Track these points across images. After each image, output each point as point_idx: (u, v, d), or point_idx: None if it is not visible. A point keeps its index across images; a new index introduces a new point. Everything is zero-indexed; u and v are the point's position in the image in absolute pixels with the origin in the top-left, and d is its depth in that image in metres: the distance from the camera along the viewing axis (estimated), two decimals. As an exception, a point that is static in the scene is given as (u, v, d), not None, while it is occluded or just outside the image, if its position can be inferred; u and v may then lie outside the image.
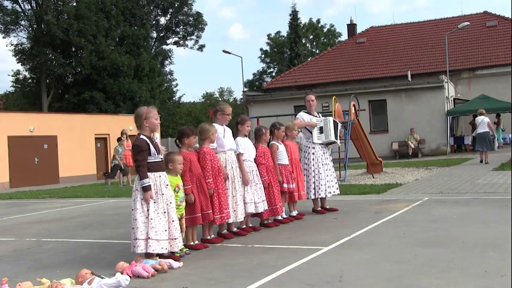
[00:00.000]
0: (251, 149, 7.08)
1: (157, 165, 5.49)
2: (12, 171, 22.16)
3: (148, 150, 5.40)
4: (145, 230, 5.32)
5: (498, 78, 28.61)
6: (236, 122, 7.16)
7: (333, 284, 4.37)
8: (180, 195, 5.77)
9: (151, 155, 5.44)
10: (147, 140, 5.42)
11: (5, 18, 35.56)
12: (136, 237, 5.30)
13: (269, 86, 35.72)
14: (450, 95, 27.23)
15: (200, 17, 47.73)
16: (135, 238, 5.32)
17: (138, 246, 5.30)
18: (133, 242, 5.36)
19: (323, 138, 8.45)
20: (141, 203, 5.36)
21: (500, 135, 25.70)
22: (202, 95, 71.00)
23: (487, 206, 8.23)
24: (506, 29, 31.59)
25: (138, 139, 5.45)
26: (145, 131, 5.50)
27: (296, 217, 7.99)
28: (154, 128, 5.59)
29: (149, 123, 5.49)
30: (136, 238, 5.30)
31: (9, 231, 8.76)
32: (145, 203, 5.36)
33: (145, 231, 5.31)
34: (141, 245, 5.29)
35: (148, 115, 5.49)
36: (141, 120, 5.49)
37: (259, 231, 7.15)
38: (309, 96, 8.64)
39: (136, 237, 5.31)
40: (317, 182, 8.32)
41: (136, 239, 5.30)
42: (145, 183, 5.32)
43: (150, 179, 5.37)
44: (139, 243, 5.29)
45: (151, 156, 5.44)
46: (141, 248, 5.29)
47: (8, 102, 41.24)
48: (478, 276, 4.35)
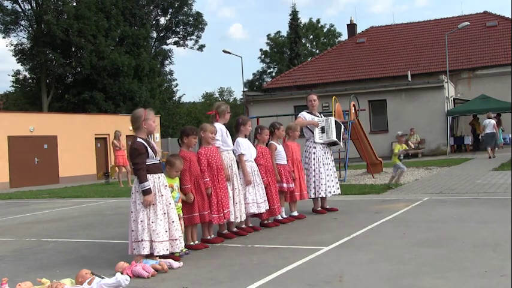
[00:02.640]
0: (252, 149, 7.09)
1: (155, 167, 5.49)
2: (12, 171, 22.15)
3: (146, 153, 5.40)
4: (149, 232, 5.32)
5: (498, 78, 28.59)
6: (238, 123, 7.15)
7: (333, 284, 4.37)
8: (174, 196, 5.77)
9: (149, 158, 5.44)
10: (144, 143, 5.42)
11: (5, 18, 35.56)
12: (142, 238, 5.29)
13: (269, 86, 35.71)
14: (450, 95, 27.23)
15: (200, 17, 47.75)
16: (140, 240, 5.30)
17: (143, 247, 5.28)
18: (134, 244, 5.34)
19: (324, 137, 8.46)
20: (142, 205, 5.37)
21: (500, 136, 25.70)
22: (202, 95, 71.10)
23: (487, 206, 8.23)
24: (506, 29, 31.59)
25: (136, 142, 5.43)
26: (142, 134, 5.50)
27: (296, 217, 7.99)
28: (152, 131, 5.59)
29: (147, 125, 5.49)
30: (143, 240, 5.28)
31: (9, 231, 8.76)
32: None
33: (149, 233, 5.32)
34: (147, 247, 5.29)
35: (147, 117, 5.49)
36: (139, 122, 5.48)
37: (259, 231, 7.15)
38: (311, 96, 8.64)
39: (142, 239, 5.29)
40: (317, 181, 8.32)
41: (143, 240, 5.28)
42: (146, 186, 5.31)
43: (150, 181, 5.38)
44: (145, 244, 5.28)
45: (150, 158, 5.44)
46: (147, 249, 5.29)
47: (8, 102, 41.24)
48: (478, 276, 4.35)
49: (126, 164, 17.97)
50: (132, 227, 5.39)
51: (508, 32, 30.77)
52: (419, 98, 25.66)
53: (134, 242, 5.35)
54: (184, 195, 6.02)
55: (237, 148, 6.89)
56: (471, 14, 35.66)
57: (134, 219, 5.37)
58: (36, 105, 36.09)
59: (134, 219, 5.37)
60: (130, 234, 5.41)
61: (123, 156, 18.01)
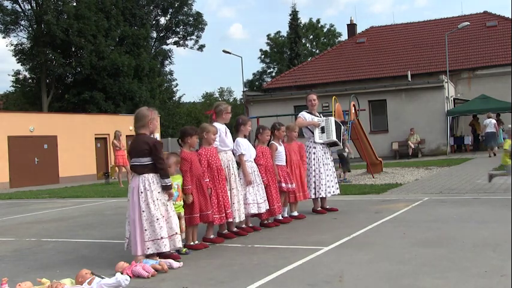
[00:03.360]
0: (251, 150, 7.09)
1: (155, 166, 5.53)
2: (12, 171, 22.15)
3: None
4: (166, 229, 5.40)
5: (498, 78, 28.57)
6: (238, 123, 7.14)
7: (333, 284, 4.37)
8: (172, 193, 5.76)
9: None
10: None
11: (5, 18, 35.56)
12: (162, 236, 5.31)
13: (269, 86, 35.70)
14: (450, 95, 27.23)
15: (200, 17, 47.74)
16: (159, 238, 5.30)
17: (164, 245, 5.32)
18: (149, 243, 5.31)
19: (324, 138, 8.46)
20: (154, 203, 5.36)
21: (500, 136, 25.69)
22: (202, 95, 71.05)
23: (487, 206, 8.23)
24: (506, 29, 31.57)
25: (155, 139, 5.53)
26: (146, 132, 5.52)
27: (296, 217, 7.99)
28: (154, 130, 5.67)
29: (152, 124, 5.57)
30: (162, 237, 5.31)
31: (9, 231, 8.76)
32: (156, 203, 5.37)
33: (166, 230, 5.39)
34: (167, 244, 5.35)
35: (153, 117, 5.57)
36: (145, 121, 5.52)
37: (259, 231, 7.15)
38: (311, 96, 8.64)
39: (161, 237, 5.31)
40: (317, 181, 8.33)
41: (162, 238, 5.31)
42: (169, 182, 5.49)
43: (153, 179, 5.43)
44: (165, 241, 5.33)
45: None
46: (167, 246, 5.36)
47: (8, 102, 41.23)
48: (478, 276, 4.35)
49: (126, 164, 17.94)
50: (144, 226, 5.33)
51: (508, 32, 30.75)
52: (419, 98, 25.66)
53: (149, 241, 5.31)
54: (184, 195, 6.02)
55: (237, 148, 6.88)
56: (471, 14, 35.63)
57: (147, 218, 5.33)
58: (36, 105, 36.09)
59: (147, 218, 5.33)
60: (142, 234, 5.34)
61: (123, 156, 17.97)
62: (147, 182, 5.38)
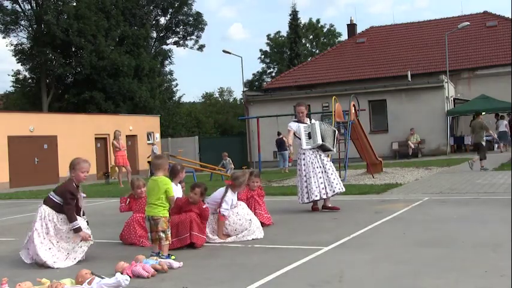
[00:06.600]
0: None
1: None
2: (12, 171, 22.16)
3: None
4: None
5: (498, 78, 28.58)
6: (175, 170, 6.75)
7: (333, 284, 4.37)
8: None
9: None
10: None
11: (5, 18, 35.52)
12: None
13: (269, 86, 35.71)
14: (450, 95, 27.24)
15: (200, 17, 47.67)
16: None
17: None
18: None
19: (311, 143, 8.66)
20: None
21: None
22: (202, 95, 70.91)
23: (487, 206, 8.23)
24: (506, 29, 31.56)
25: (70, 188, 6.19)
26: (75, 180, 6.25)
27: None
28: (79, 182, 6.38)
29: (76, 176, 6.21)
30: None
31: (9, 231, 8.76)
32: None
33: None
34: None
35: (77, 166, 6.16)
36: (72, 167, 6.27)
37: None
38: (299, 108, 8.92)
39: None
40: (309, 186, 8.50)
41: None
42: (76, 225, 5.89)
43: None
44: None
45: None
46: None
47: (8, 102, 41.23)
48: (478, 276, 4.35)
49: (126, 164, 17.95)
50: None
51: (508, 32, 30.75)
52: (419, 98, 25.66)
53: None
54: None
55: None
56: (471, 14, 35.63)
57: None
58: (36, 105, 36.07)
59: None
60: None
61: (123, 157, 17.98)
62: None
